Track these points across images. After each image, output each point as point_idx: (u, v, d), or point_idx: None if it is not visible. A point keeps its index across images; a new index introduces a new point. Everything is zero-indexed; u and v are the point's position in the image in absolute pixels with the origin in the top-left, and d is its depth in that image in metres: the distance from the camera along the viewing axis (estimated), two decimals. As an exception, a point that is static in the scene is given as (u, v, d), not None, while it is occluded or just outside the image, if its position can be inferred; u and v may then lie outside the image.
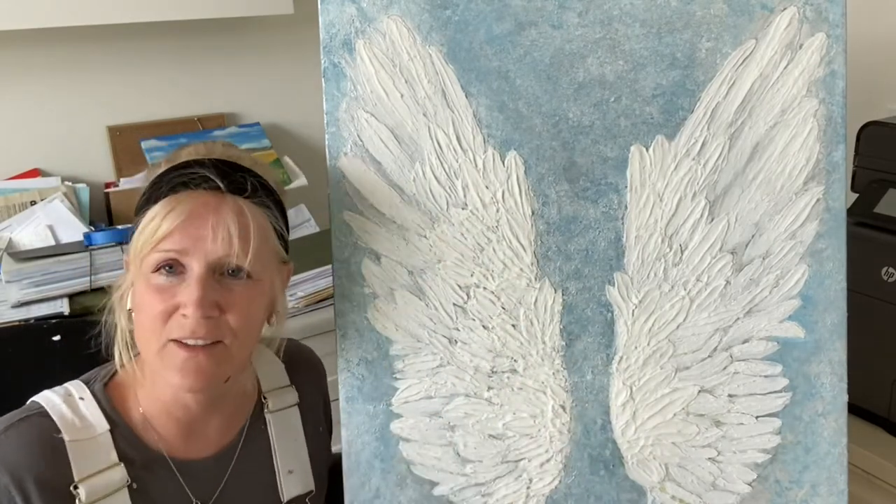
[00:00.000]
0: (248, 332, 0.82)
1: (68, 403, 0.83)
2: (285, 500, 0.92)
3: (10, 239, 1.54)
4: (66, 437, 0.80)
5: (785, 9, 0.88)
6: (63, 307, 1.37)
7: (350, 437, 0.93)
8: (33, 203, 1.62)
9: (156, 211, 0.79)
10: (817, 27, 0.88)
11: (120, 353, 0.85)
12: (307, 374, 0.99)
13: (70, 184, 1.70)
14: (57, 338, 1.28)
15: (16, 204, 1.61)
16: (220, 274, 0.79)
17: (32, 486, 0.77)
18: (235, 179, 0.81)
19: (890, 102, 1.66)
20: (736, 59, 0.88)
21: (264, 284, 0.83)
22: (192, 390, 0.81)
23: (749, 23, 0.88)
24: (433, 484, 0.95)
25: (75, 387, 0.85)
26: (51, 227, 1.56)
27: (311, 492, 0.95)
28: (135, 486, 0.82)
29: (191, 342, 0.78)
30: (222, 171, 0.80)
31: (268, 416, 0.93)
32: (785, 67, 0.89)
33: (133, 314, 0.83)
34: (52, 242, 1.54)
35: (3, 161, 1.70)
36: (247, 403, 0.92)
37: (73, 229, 1.56)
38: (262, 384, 0.94)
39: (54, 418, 0.81)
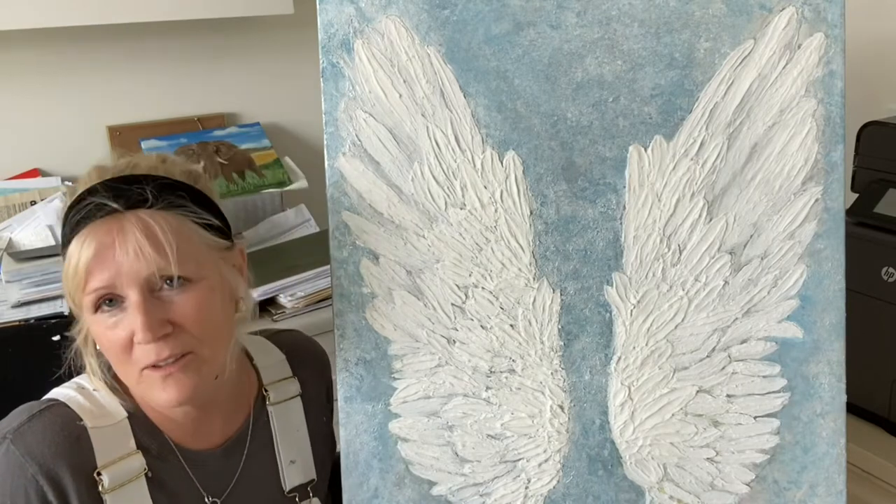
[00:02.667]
0: (213, 333, 0.81)
1: (83, 394, 0.84)
2: (287, 490, 0.93)
3: (10, 239, 1.54)
4: (87, 425, 0.82)
5: (783, 9, 0.88)
6: (63, 307, 1.37)
7: (348, 437, 0.93)
8: (33, 203, 1.62)
9: (69, 254, 0.78)
10: (816, 27, 0.88)
11: (100, 387, 0.85)
12: (310, 365, 1.00)
13: (70, 184, 1.70)
14: (57, 338, 1.29)
15: (16, 204, 1.61)
16: (159, 290, 0.78)
17: (65, 472, 0.79)
18: (130, 195, 0.78)
19: (890, 102, 1.66)
20: (734, 59, 0.88)
21: (210, 281, 0.81)
22: (182, 403, 0.81)
23: (747, 23, 0.88)
24: (431, 484, 0.95)
25: (86, 380, 0.86)
26: (51, 227, 1.56)
27: (313, 480, 0.96)
28: (150, 474, 0.84)
29: (162, 363, 0.78)
30: (115, 191, 0.78)
31: (269, 409, 0.94)
32: (783, 67, 0.89)
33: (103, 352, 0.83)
34: (52, 242, 1.54)
35: (3, 161, 1.70)
36: (248, 397, 0.93)
37: (73, 229, 1.56)
38: (263, 377, 0.95)
39: (73, 408, 0.82)
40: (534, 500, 0.95)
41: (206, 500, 0.88)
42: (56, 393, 0.85)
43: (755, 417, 0.94)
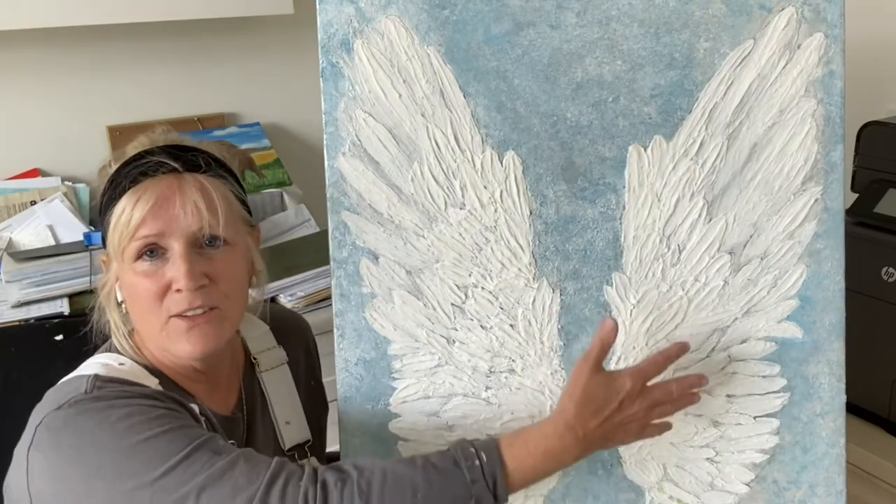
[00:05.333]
0: (238, 294, 0.88)
1: (111, 371, 0.84)
2: (286, 449, 0.98)
3: (10, 239, 1.54)
4: None
5: (783, 9, 0.88)
6: (63, 307, 1.37)
7: (348, 437, 0.93)
8: (33, 203, 1.62)
9: (124, 204, 0.83)
10: (815, 27, 0.88)
11: (121, 346, 0.88)
12: (292, 334, 1.05)
13: (70, 184, 1.70)
14: (59, 337, 1.29)
15: (16, 204, 1.61)
16: (199, 247, 0.84)
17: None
18: (188, 159, 0.85)
19: (890, 102, 1.66)
20: (734, 60, 0.88)
21: (241, 247, 0.88)
22: (203, 355, 0.85)
23: (747, 23, 0.88)
24: (431, 484, 0.95)
25: (107, 357, 0.87)
26: (51, 227, 1.56)
27: (309, 440, 1.00)
28: None
29: (190, 313, 0.82)
30: (174, 154, 0.85)
31: (260, 376, 0.98)
32: (783, 67, 0.89)
33: (126, 305, 0.86)
34: (52, 242, 1.54)
35: (3, 161, 1.70)
36: (238, 366, 0.97)
37: (73, 229, 1.56)
38: (251, 347, 1.00)
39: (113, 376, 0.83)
40: (533, 500, 0.95)
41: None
42: (86, 369, 0.85)
43: (755, 417, 0.94)
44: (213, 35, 1.90)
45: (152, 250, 0.82)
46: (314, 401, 1.04)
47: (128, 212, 0.82)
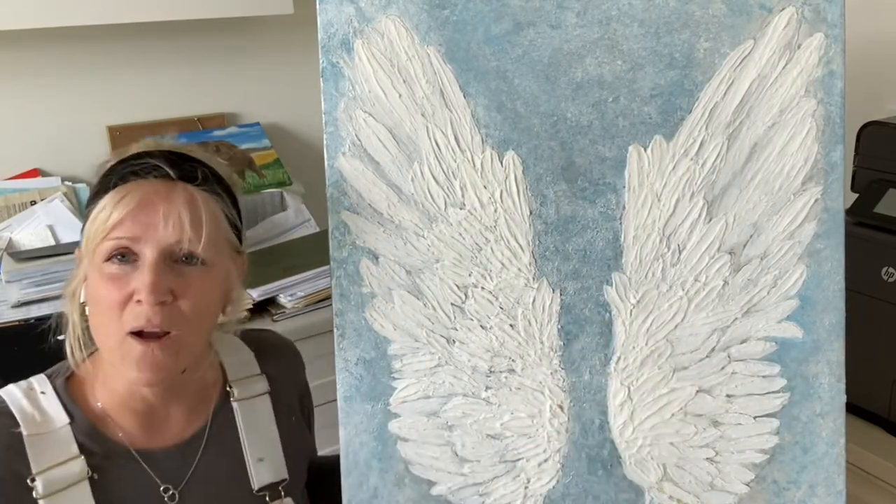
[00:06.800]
0: (200, 320, 0.83)
1: (29, 398, 0.84)
2: (256, 488, 0.92)
3: (10, 239, 1.54)
4: (24, 432, 0.82)
5: (783, 9, 0.88)
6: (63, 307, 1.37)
7: (348, 437, 0.93)
8: (33, 203, 1.62)
9: (106, 201, 0.80)
10: (816, 27, 0.88)
11: (72, 349, 0.86)
12: (279, 362, 1.00)
13: (70, 184, 1.70)
14: (61, 337, 1.29)
15: (16, 204, 1.61)
16: (174, 260, 0.80)
17: (6, 476, 0.79)
18: (185, 168, 0.82)
19: (890, 102, 1.66)
20: (734, 60, 0.88)
21: (218, 271, 0.84)
22: (150, 384, 0.82)
23: (747, 23, 0.88)
24: (431, 483, 0.95)
25: (38, 381, 0.86)
26: (51, 227, 1.56)
27: (285, 480, 0.94)
28: (95, 476, 0.83)
29: (147, 330, 0.78)
30: (172, 160, 0.82)
31: (234, 405, 0.93)
32: (783, 67, 0.89)
33: (87, 307, 0.83)
34: (52, 242, 1.54)
35: (3, 161, 1.70)
36: (211, 392, 0.93)
37: (73, 229, 1.56)
38: (229, 373, 0.95)
39: (14, 412, 0.82)
40: (533, 500, 0.95)
41: (161, 490, 0.87)
42: (5, 392, 0.85)
43: (755, 417, 0.94)
44: (213, 35, 1.90)
45: (123, 254, 0.79)
46: (297, 439, 0.98)
47: (108, 209, 0.79)
